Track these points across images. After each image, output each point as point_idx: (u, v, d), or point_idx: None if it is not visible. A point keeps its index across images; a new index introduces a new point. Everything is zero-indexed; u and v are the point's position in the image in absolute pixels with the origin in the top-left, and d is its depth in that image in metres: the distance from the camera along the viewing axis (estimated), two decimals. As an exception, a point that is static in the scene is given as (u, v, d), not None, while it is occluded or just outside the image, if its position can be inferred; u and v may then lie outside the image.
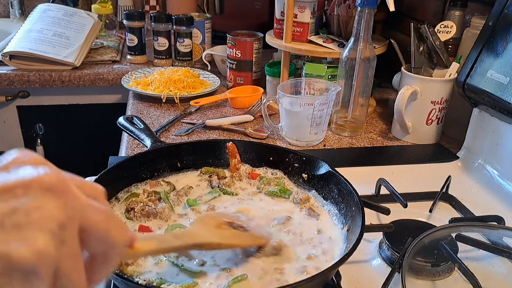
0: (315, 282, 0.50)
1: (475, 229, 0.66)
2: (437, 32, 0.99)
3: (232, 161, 0.76)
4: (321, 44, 1.10)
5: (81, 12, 1.56)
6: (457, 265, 0.60)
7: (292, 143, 1.01)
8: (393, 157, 0.99)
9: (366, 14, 0.95)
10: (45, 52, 1.38)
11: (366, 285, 0.61)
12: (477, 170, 0.89)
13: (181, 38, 1.46)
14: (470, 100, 0.90)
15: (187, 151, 0.76)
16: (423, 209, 0.77)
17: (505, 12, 0.84)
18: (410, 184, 0.84)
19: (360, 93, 1.02)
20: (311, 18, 1.12)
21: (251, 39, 1.26)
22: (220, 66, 1.44)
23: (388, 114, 1.19)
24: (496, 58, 0.83)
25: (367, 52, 0.98)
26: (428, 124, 1.01)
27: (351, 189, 0.64)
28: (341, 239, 0.62)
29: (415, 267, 0.61)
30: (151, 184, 0.71)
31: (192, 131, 1.05)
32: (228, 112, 1.19)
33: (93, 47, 1.57)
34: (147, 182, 0.72)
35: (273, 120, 1.07)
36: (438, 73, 1.01)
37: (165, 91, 1.20)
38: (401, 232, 0.65)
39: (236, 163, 0.76)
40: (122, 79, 1.30)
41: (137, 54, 1.52)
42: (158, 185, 0.72)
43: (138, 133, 0.78)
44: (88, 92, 1.46)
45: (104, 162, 0.81)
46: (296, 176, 0.74)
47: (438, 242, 0.62)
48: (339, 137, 1.06)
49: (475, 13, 1.10)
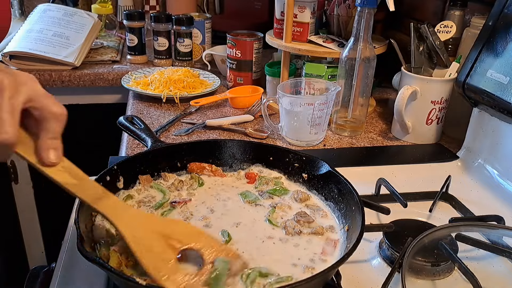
0: (315, 282, 0.50)
1: (475, 229, 0.66)
2: (437, 32, 0.99)
3: (207, 171, 0.76)
4: (321, 44, 1.10)
5: (81, 12, 1.56)
6: (457, 265, 0.60)
7: (292, 143, 1.01)
8: (393, 157, 0.99)
9: (366, 14, 0.95)
10: (45, 52, 1.38)
11: (366, 285, 0.61)
12: (477, 170, 0.89)
13: (181, 38, 1.46)
14: (470, 100, 0.90)
15: (187, 151, 0.76)
16: (423, 209, 0.77)
17: (505, 12, 0.84)
18: (410, 184, 0.84)
19: (360, 93, 1.02)
20: (311, 18, 1.12)
21: (251, 39, 1.26)
22: (220, 66, 1.45)
23: (388, 114, 1.19)
24: (496, 58, 0.83)
25: (367, 52, 0.98)
26: (428, 124, 1.01)
27: (351, 189, 0.64)
28: (341, 239, 0.62)
29: (415, 267, 0.61)
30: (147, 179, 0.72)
31: (192, 131, 1.05)
32: (228, 112, 1.19)
33: (93, 47, 1.57)
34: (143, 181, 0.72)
35: (273, 120, 1.07)
36: (438, 73, 1.01)
37: (165, 91, 1.20)
38: (401, 232, 0.65)
39: (213, 170, 0.76)
40: (122, 79, 1.30)
41: (137, 54, 1.52)
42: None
43: (138, 133, 0.78)
44: (88, 92, 1.46)
45: (104, 162, 0.82)
46: (296, 176, 0.74)
47: (438, 242, 0.62)
48: (339, 137, 1.06)
49: (475, 13, 1.10)
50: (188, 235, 0.56)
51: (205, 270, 0.52)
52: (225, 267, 0.52)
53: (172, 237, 0.54)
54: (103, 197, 0.55)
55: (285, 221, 0.65)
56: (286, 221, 0.64)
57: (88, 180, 0.55)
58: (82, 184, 0.54)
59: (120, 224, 0.53)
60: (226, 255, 0.54)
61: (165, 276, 0.50)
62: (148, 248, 0.52)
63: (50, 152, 0.51)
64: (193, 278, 0.51)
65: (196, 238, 0.55)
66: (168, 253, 0.53)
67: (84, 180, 0.54)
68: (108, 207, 0.54)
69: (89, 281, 0.60)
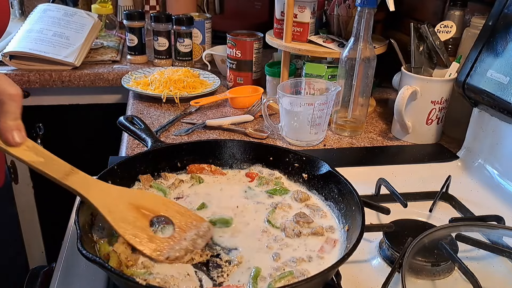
0: (315, 282, 0.50)
1: (475, 229, 0.66)
2: (437, 32, 0.99)
3: (207, 172, 0.76)
4: (321, 44, 1.10)
5: (81, 12, 1.56)
6: (457, 265, 0.60)
7: (292, 143, 1.01)
8: (393, 157, 0.99)
9: (366, 14, 0.95)
10: (45, 52, 1.38)
11: (366, 285, 0.61)
12: (477, 170, 0.89)
13: (181, 38, 1.46)
14: (470, 100, 0.90)
15: (187, 151, 0.76)
16: (423, 209, 0.77)
17: (505, 12, 0.84)
18: (410, 184, 0.84)
19: (360, 93, 1.02)
20: (311, 18, 1.12)
21: (251, 39, 1.26)
22: (220, 66, 1.45)
23: (388, 114, 1.19)
24: (496, 58, 0.83)
25: (367, 52, 0.98)
26: (428, 124, 1.01)
27: (351, 188, 0.64)
28: (341, 239, 0.62)
29: (415, 267, 0.61)
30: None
31: (192, 131, 1.05)
32: (228, 112, 1.19)
33: (93, 47, 1.57)
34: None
35: (273, 120, 1.07)
36: (438, 73, 1.01)
37: (165, 91, 1.20)
38: (401, 232, 0.65)
39: (212, 170, 0.76)
40: (122, 79, 1.31)
41: (137, 54, 1.52)
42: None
43: (138, 133, 0.78)
44: (88, 92, 1.46)
45: (104, 162, 0.82)
46: (296, 176, 0.74)
47: (438, 242, 0.62)
48: (339, 137, 1.06)
49: (475, 13, 1.10)
50: (157, 204, 0.61)
51: (178, 236, 0.57)
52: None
53: (143, 206, 0.59)
54: (71, 173, 0.57)
55: (284, 222, 0.65)
56: (286, 222, 0.64)
57: (55, 158, 0.56)
58: (48, 161, 0.55)
59: (91, 197, 0.56)
60: (194, 220, 0.61)
61: (141, 242, 0.55)
62: (122, 217, 0.56)
63: (14, 133, 0.53)
64: (170, 244, 0.57)
65: (165, 207, 0.60)
66: (141, 221, 0.58)
67: (50, 158, 0.56)
68: (78, 182, 0.56)
69: (89, 281, 0.60)
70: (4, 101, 0.51)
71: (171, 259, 0.55)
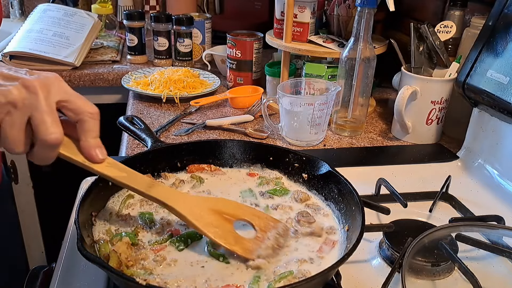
0: (315, 282, 0.50)
1: (475, 229, 0.66)
2: (437, 32, 0.99)
3: (207, 172, 0.76)
4: (321, 44, 1.10)
5: (81, 12, 1.56)
6: (457, 265, 0.60)
7: (292, 143, 1.01)
8: (393, 157, 0.99)
9: (366, 14, 0.95)
10: (45, 52, 1.38)
11: (366, 285, 0.61)
12: (477, 170, 0.89)
13: (181, 38, 1.46)
14: (470, 100, 0.90)
15: (187, 151, 0.76)
16: (423, 209, 0.77)
17: (505, 12, 0.84)
18: (410, 184, 0.84)
19: (360, 93, 1.02)
20: (311, 18, 1.12)
21: (251, 39, 1.26)
22: (220, 66, 1.45)
23: (388, 114, 1.19)
24: (496, 58, 0.83)
25: (367, 52, 0.98)
26: (428, 124, 1.01)
27: (351, 189, 0.64)
28: (341, 239, 0.62)
29: (415, 267, 0.61)
30: None
31: (192, 131, 1.05)
32: (228, 112, 1.19)
33: (93, 47, 1.57)
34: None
35: (273, 120, 1.07)
36: (438, 73, 1.01)
37: (165, 91, 1.21)
38: (401, 232, 0.65)
39: (212, 170, 0.76)
40: (122, 79, 1.31)
41: (137, 54, 1.52)
42: None
43: (138, 133, 0.78)
44: (88, 92, 1.46)
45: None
46: (296, 176, 0.74)
47: (438, 242, 0.62)
48: (339, 137, 1.06)
49: (475, 13, 1.10)
50: (234, 208, 0.62)
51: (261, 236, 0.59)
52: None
53: (223, 212, 0.60)
54: (153, 185, 0.59)
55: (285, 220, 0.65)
56: (286, 221, 0.64)
57: (134, 172, 0.59)
58: (131, 176, 0.58)
59: (178, 206, 0.58)
60: (271, 221, 0.61)
61: (232, 243, 0.57)
62: (208, 222, 0.58)
63: (97, 151, 0.54)
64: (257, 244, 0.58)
65: (242, 210, 0.62)
66: (225, 225, 0.59)
67: (131, 173, 0.59)
68: (162, 193, 0.59)
69: (89, 281, 0.60)
70: (85, 120, 0.52)
71: (263, 257, 0.57)
